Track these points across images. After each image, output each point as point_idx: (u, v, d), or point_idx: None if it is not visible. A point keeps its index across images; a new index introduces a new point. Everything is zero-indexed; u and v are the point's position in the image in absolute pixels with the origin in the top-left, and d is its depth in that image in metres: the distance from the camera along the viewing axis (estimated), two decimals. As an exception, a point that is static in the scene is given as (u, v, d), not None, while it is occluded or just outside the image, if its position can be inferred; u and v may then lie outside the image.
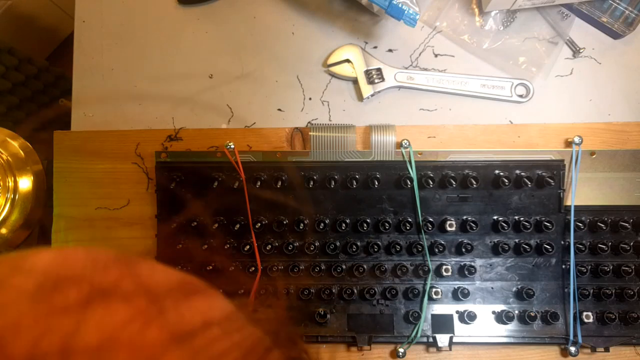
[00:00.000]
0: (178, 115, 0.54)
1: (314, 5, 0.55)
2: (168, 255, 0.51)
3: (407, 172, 0.49)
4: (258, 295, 0.49)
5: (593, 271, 0.49)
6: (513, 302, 0.49)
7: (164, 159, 0.51)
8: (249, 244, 0.50)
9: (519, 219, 0.49)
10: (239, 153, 0.50)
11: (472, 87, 0.53)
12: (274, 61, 0.55)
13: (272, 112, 0.54)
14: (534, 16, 0.53)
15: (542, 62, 0.53)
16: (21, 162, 0.61)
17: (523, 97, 0.53)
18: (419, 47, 0.54)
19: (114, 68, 0.55)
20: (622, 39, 0.53)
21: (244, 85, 0.55)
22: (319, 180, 0.50)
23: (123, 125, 0.54)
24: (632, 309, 0.48)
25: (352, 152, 0.50)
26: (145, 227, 0.52)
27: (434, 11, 0.54)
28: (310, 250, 0.49)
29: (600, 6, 0.52)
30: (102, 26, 0.56)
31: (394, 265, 0.49)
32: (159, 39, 0.55)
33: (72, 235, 0.52)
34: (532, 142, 0.52)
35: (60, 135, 0.53)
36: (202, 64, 0.55)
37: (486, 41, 0.53)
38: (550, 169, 0.49)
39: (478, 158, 0.50)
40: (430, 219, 0.49)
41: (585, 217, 0.49)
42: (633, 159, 0.50)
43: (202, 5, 0.56)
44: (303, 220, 0.49)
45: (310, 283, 0.50)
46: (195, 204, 0.50)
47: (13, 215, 0.59)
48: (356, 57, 0.53)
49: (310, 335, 0.49)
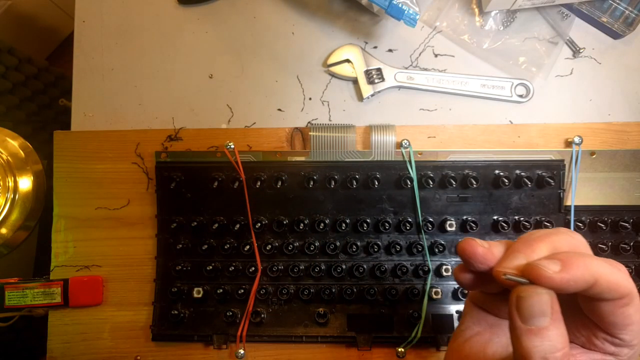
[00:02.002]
0: (178, 115, 0.54)
1: (314, 5, 0.55)
2: (168, 255, 0.51)
3: (407, 172, 0.49)
4: (258, 295, 0.49)
5: (593, 271, 0.49)
6: (513, 302, 0.49)
7: (164, 159, 0.51)
8: (249, 244, 0.50)
9: (519, 219, 0.49)
10: (239, 153, 0.50)
11: (472, 87, 0.53)
12: (274, 61, 0.55)
13: (272, 112, 0.54)
14: (534, 16, 0.53)
15: (542, 62, 0.53)
16: (21, 162, 0.61)
17: (523, 97, 0.53)
18: (419, 47, 0.54)
19: (114, 68, 0.55)
20: (622, 39, 0.53)
21: (244, 85, 0.55)
22: (319, 180, 0.50)
23: (123, 125, 0.54)
24: (632, 309, 0.48)
25: (352, 152, 0.50)
26: (145, 227, 0.52)
27: (434, 11, 0.54)
28: (310, 250, 0.49)
29: (600, 6, 0.52)
30: (102, 26, 0.56)
31: (394, 266, 0.49)
32: (159, 39, 0.55)
33: (72, 235, 0.52)
34: (532, 142, 0.52)
35: (60, 135, 0.53)
36: (202, 64, 0.55)
37: (486, 41, 0.53)
38: (550, 169, 0.49)
39: (478, 158, 0.50)
40: (430, 219, 0.49)
41: (585, 217, 0.49)
42: (633, 159, 0.50)
43: (202, 5, 0.56)
44: (303, 220, 0.49)
45: (310, 283, 0.50)
46: (195, 204, 0.50)
47: (13, 215, 0.59)
48: (356, 57, 0.53)
49: (310, 335, 0.49)
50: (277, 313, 0.50)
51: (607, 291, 0.23)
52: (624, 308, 0.24)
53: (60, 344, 0.52)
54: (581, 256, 0.23)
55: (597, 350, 0.26)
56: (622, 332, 0.25)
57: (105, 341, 0.51)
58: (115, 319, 0.52)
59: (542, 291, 0.23)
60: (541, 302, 0.23)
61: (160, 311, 0.50)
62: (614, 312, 0.24)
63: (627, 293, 0.24)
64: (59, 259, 0.52)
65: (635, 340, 0.25)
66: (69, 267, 0.52)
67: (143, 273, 0.52)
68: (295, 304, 0.50)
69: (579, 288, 0.23)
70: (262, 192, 0.50)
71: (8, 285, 0.51)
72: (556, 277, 0.22)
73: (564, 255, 0.23)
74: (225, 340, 0.50)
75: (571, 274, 0.22)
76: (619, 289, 0.23)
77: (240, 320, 0.49)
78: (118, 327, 0.51)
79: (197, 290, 0.50)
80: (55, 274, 0.52)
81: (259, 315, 0.49)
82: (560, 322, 0.23)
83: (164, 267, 0.51)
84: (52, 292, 0.51)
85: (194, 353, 0.51)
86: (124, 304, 0.52)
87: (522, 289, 0.23)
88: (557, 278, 0.22)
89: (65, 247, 0.52)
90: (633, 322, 0.25)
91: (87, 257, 0.52)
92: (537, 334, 0.23)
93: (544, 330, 0.23)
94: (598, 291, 0.23)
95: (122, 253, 0.52)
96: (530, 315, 0.23)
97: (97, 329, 0.52)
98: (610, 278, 0.23)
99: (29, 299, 0.51)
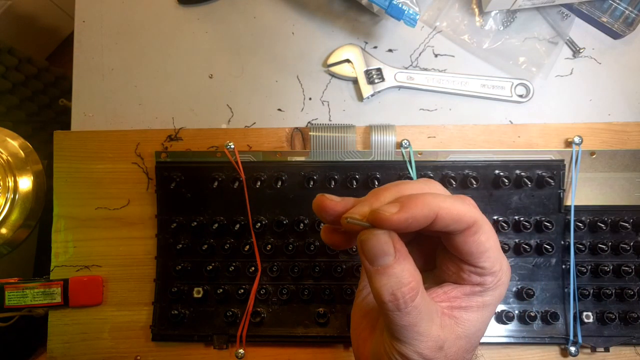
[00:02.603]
0: (178, 115, 0.54)
1: (314, 5, 0.55)
2: (168, 255, 0.51)
3: (407, 172, 0.49)
4: (258, 295, 0.49)
5: (593, 271, 0.49)
6: (513, 302, 0.49)
7: (164, 159, 0.51)
8: (249, 244, 0.50)
9: (519, 219, 0.49)
10: (239, 153, 0.50)
11: (472, 87, 0.53)
12: (274, 61, 0.55)
13: (272, 112, 0.54)
14: (534, 16, 0.53)
15: (542, 62, 0.53)
16: (21, 162, 0.61)
17: (523, 97, 0.53)
18: (419, 47, 0.54)
19: (114, 68, 0.55)
20: (622, 39, 0.53)
21: (244, 85, 0.55)
22: (319, 180, 0.50)
23: (123, 125, 0.54)
24: (632, 309, 0.48)
25: (352, 152, 0.50)
26: (145, 227, 0.52)
27: (434, 11, 0.54)
28: (310, 250, 0.49)
29: (600, 6, 0.52)
30: (102, 26, 0.56)
31: (394, 265, 0.49)
32: (159, 39, 0.55)
33: (72, 235, 0.52)
34: (532, 142, 0.52)
35: (60, 135, 0.53)
36: (202, 64, 0.55)
37: (486, 41, 0.53)
38: (550, 169, 0.49)
39: (478, 158, 0.50)
40: (430, 219, 0.49)
41: (585, 217, 0.49)
42: (633, 159, 0.50)
43: (202, 5, 0.56)
44: (303, 220, 0.49)
45: (310, 283, 0.50)
46: (195, 204, 0.50)
47: (13, 215, 0.59)
48: (356, 57, 0.53)
49: (310, 335, 0.49)
50: (277, 313, 0.50)
51: (452, 223, 0.24)
52: (474, 236, 0.25)
53: (60, 344, 0.52)
54: (421, 196, 0.24)
55: (465, 284, 0.27)
56: (481, 260, 0.26)
57: (105, 341, 0.51)
58: (115, 319, 0.52)
59: (379, 232, 0.24)
60: (380, 243, 0.24)
61: (160, 311, 0.50)
62: (466, 242, 0.25)
63: (472, 222, 0.25)
64: (59, 259, 0.52)
65: (495, 266, 0.26)
66: (69, 267, 0.52)
67: (143, 273, 0.52)
68: (295, 304, 0.50)
69: (421, 225, 0.24)
70: (262, 192, 0.50)
71: (8, 285, 0.51)
72: (394, 218, 0.23)
73: (404, 197, 0.24)
74: (226, 340, 0.50)
75: (410, 213, 0.23)
76: (463, 219, 0.24)
77: (240, 320, 0.49)
78: (118, 327, 0.51)
79: (197, 290, 0.50)
80: (55, 274, 0.52)
81: (259, 315, 0.49)
82: (405, 259, 0.25)
83: (164, 267, 0.51)
84: (52, 292, 0.51)
85: (194, 353, 0.51)
86: (124, 304, 0.52)
87: (363, 232, 0.24)
88: (395, 218, 0.23)
89: (65, 247, 0.52)
90: (487, 249, 0.26)
91: (87, 257, 0.52)
92: (383, 273, 0.24)
93: (388, 269, 0.24)
94: (443, 225, 0.24)
95: (122, 253, 0.52)
96: (375, 256, 0.24)
97: (97, 329, 0.52)
98: (451, 211, 0.24)
99: (29, 299, 0.51)
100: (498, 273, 0.27)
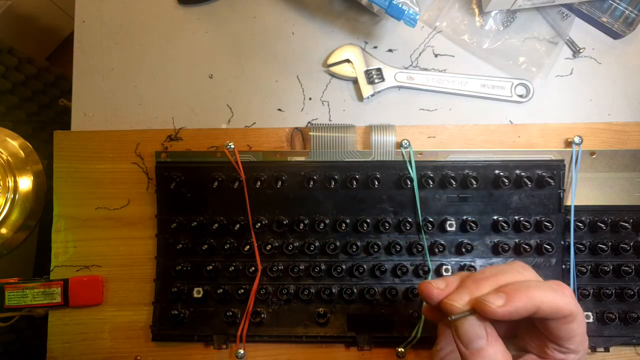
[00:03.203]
0: (178, 115, 0.54)
1: (314, 5, 0.55)
2: (168, 255, 0.51)
3: (407, 172, 0.49)
4: (258, 295, 0.49)
5: (593, 271, 0.49)
6: (513, 302, 0.49)
7: (164, 159, 0.51)
8: (249, 244, 0.50)
9: (519, 219, 0.49)
10: (239, 153, 0.50)
11: (472, 87, 0.53)
12: (274, 61, 0.55)
13: (272, 112, 0.54)
14: (534, 16, 0.53)
15: (542, 62, 0.53)
16: (21, 162, 0.61)
17: (523, 97, 0.53)
18: (419, 47, 0.54)
19: (114, 68, 0.55)
20: (622, 39, 0.53)
21: (244, 85, 0.55)
22: (319, 180, 0.50)
23: (123, 125, 0.54)
24: (632, 309, 0.48)
25: (352, 152, 0.50)
26: (145, 227, 0.52)
27: (434, 11, 0.54)
28: (310, 250, 0.49)
29: (600, 6, 0.52)
30: (102, 26, 0.56)
31: (394, 266, 0.49)
32: (159, 39, 0.55)
33: (72, 235, 0.52)
34: (532, 142, 0.52)
35: (60, 135, 0.53)
36: (202, 64, 0.55)
37: (486, 41, 0.53)
38: (550, 169, 0.49)
39: (478, 158, 0.50)
40: (430, 219, 0.49)
41: (585, 217, 0.49)
42: (633, 159, 0.50)
43: (202, 5, 0.56)
44: (303, 220, 0.49)
45: (310, 283, 0.50)
46: (195, 204, 0.50)
47: (13, 215, 0.59)
48: (356, 57, 0.53)
49: (310, 335, 0.49)
50: (277, 313, 0.50)
51: (550, 314, 0.28)
52: (568, 325, 0.29)
53: (60, 344, 0.52)
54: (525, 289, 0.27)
55: (548, 358, 0.31)
56: (568, 343, 0.30)
57: (105, 341, 0.51)
58: (115, 319, 0.52)
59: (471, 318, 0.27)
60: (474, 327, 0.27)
61: (160, 311, 0.50)
62: (559, 328, 0.29)
63: (569, 313, 0.28)
64: (59, 259, 0.52)
65: (579, 347, 0.30)
66: (69, 267, 0.52)
67: (143, 273, 0.52)
68: (295, 304, 0.50)
69: (522, 316, 0.27)
70: (262, 192, 0.50)
71: (8, 285, 0.51)
72: (499, 311, 0.26)
73: (509, 289, 0.27)
74: (225, 340, 0.50)
75: (514, 307, 0.26)
76: (561, 311, 0.28)
77: (240, 320, 0.49)
78: (118, 327, 0.51)
79: (197, 290, 0.50)
80: (55, 274, 0.52)
81: (259, 315, 0.49)
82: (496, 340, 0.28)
83: (164, 267, 0.51)
84: (52, 292, 0.51)
85: (194, 353, 0.51)
86: (124, 304, 0.52)
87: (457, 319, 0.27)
88: (500, 311, 0.26)
89: (65, 247, 0.52)
90: (577, 334, 0.29)
91: (87, 257, 0.52)
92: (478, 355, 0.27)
93: (482, 351, 0.27)
94: (542, 315, 0.27)
95: (122, 253, 0.52)
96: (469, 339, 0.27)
97: (97, 329, 0.52)
98: (551, 304, 0.27)
99: (29, 299, 0.51)
100: (580, 352, 0.30)
